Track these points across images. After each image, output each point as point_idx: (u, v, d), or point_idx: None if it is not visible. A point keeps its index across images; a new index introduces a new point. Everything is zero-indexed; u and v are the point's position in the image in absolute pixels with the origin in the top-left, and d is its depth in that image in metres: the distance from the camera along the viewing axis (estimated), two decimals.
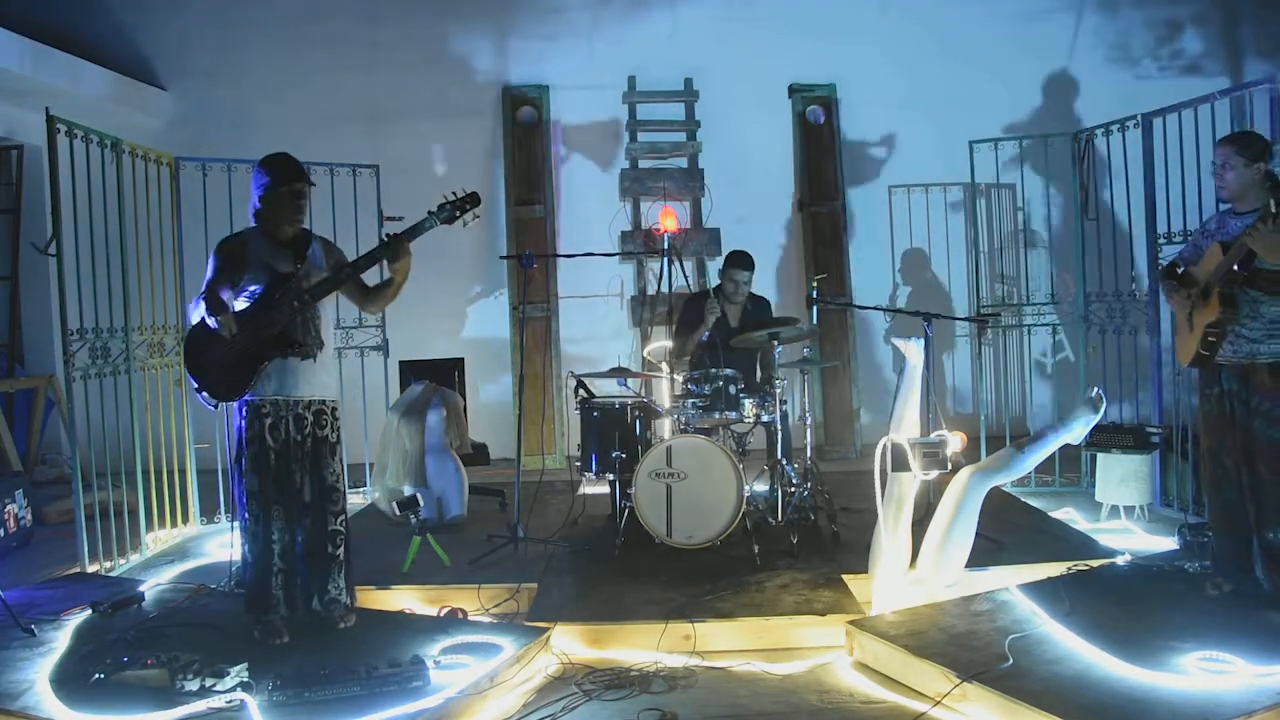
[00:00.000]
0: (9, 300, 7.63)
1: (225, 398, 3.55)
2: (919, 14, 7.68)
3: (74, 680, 3.18)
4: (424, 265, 7.61)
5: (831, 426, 7.31)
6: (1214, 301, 3.54)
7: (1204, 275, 3.63)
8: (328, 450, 3.66)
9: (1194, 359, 3.67)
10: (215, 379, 3.53)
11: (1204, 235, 3.77)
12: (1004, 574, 4.08)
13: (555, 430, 7.27)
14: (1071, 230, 5.98)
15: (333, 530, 3.65)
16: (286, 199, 3.56)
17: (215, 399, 3.56)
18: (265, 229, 3.61)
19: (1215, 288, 3.54)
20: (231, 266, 3.53)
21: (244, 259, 3.54)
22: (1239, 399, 3.59)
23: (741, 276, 5.34)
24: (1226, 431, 3.65)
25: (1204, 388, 3.74)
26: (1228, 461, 3.66)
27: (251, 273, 3.53)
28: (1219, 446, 3.69)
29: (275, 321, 3.49)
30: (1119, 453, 5.10)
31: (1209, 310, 3.57)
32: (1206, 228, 3.79)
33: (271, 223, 3.59)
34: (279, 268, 3.56)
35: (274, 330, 3.50)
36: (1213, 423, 3.72)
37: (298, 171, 3.59)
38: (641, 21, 7.70)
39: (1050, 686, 2.94)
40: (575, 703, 3.18)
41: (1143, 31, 7.66)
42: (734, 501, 4.44)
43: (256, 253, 3.56)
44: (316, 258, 3.66)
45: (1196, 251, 3.76)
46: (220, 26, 7.70)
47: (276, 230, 3.60)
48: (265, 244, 3.58)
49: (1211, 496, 3.80)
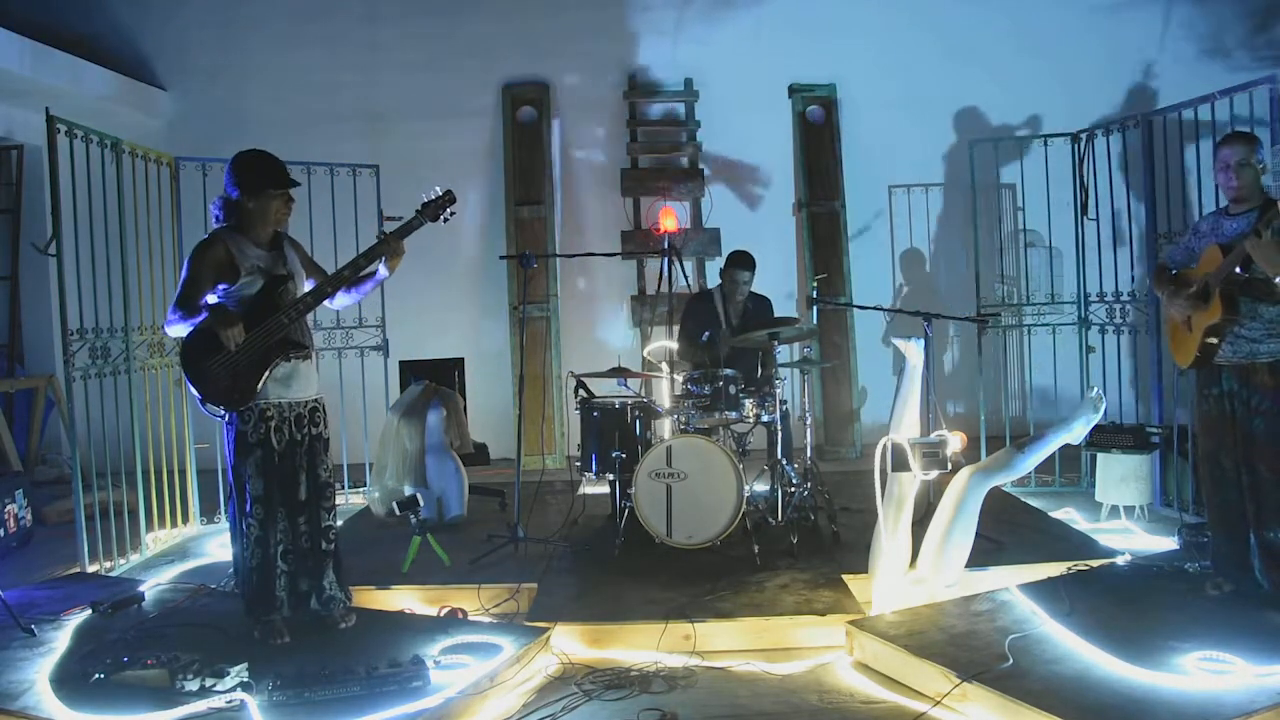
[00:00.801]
0: (9, 300, 7.63)
1: (234, 406, 3.50)
2: (919, 14, 7.67)
3: (74, 680, 3.18)
4: (424, 265, 7.64)
5: (831, 426, 7.31)
6: (1215, 303, 3.52)
7: (1200, 277, 3.61)
8: (322, 447, 3.69)
9: (1194, 361, 3.66)
10: (221, 387, 3.47)
11: (1196, 237, 3.74)
12: (1004, 574, 4.09)
13: (555, 430, 7.27)
14: (1071, 230, 5.98)
15: (325, 526, 3.67)
16: (282, 204, 3.57)
17: (223, 407, 3.51)
18: (244, 229, 3.56)
19: (1215, 289, 3.51)
20: (216, 273, 3.48)
21: (232, 264, 3.49)
22: (1239, 399, 3.59)
23: (743, 276, 5.35)
24: (1226, 432, 3.64)
25: (1202, 388, 3.73)
26: (1226, 462, 3.66)
27: (246, 277, 3.50)
28: (1218, 447, 3.69)
29: (282, 326, 3.49)
30: (1119, 453, 5.10)
31: (1209, 312, 3.55)
32: (1198, 229, 3.76)
33: (258, 226, 3.56)
34: (273, 270, 3.56)
35: (279, 335, 3.49)
36: (1211, 423, 3.71)
37: (288, 176, 3.59)
38: (642, 21, 7.70)
39: (1050, 686, 2.94)
40: (575, 703, 3.18)
41: (1144, 31, 7.65)
42: (734, 501, 4.44)
43: (243, 256, 3.51)
44: (292, 257, 3.68)
45: (1189, 254, 3.75)
46: (220, 26, 7.70)
47: (261, 232, 3.58)
48: (247, 245, 3.54)
49: (1210, 497, 3.79)
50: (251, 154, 3.57)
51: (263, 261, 3.55)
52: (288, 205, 3.61)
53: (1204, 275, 3.59)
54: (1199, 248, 3.68)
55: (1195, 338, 3.62)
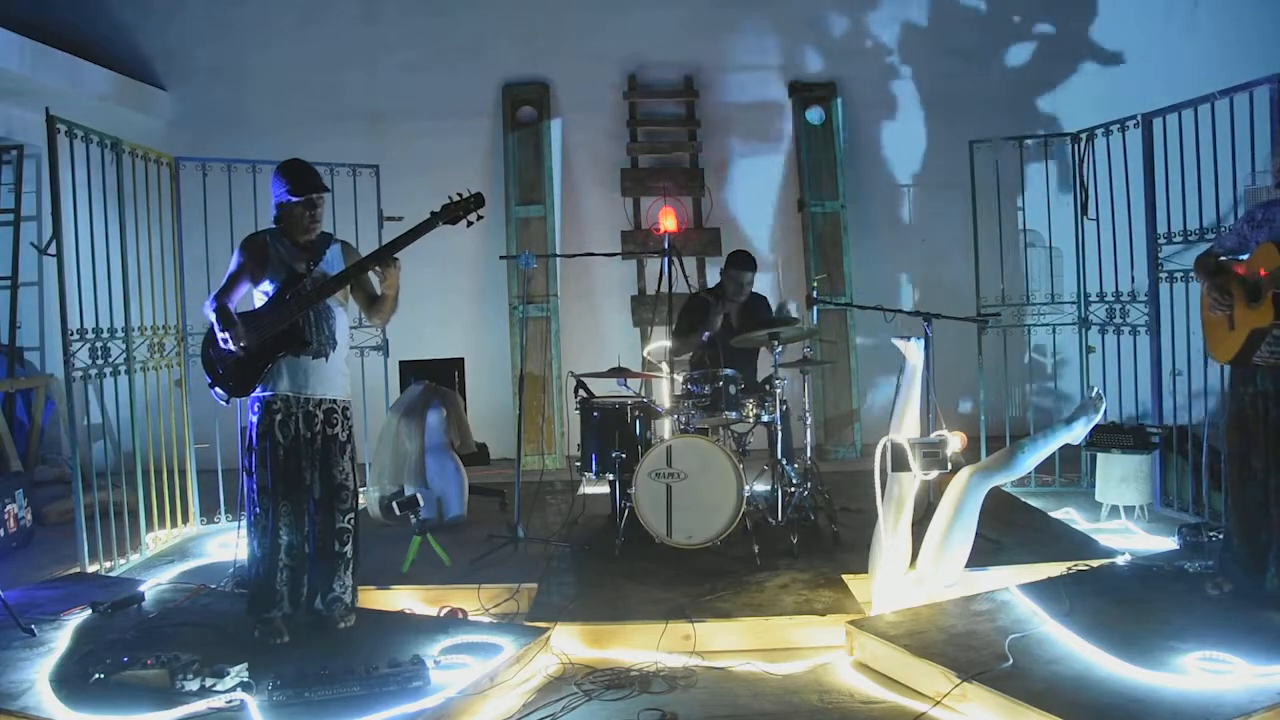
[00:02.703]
0: (9, 300, 7.63)
1: (236, 393, 3.63)
2: (919, 14, 7.68)
3: (74, 680, 3.18)
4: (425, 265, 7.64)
5: (831, 426, 7.31)
6: (1266, 305, 3.41)
7: (1251, 272, 3.49)
8: (337, 449, 3.68)
9: (1234, 359, 3.58)
10: (226, 374, 3.61)
11: (1251, 225, 3.60)
12: (1004, 574, 4.08)
13: (555, 430, 7.26)
14: (1071, 230, 5.98)
15: (340, 528, 3.66)
16: (301, 211, 3.65)
17: (227, 394, 3.64)
18: (285, 231, 3.71)
19: (1268, 292, 3.40)
20: (254, 264, 3.65)
21: (265, 258, 3.65)
22: (1273, 400, 3.53)
23: (743, 277, 5.34)
24: (1258, 432, 3.59)
25: (1237, 386, 3.67)
26: (1256, 463, 3.60)
27: (271, 272, 3.63)
28: (1249, 447, 3.63)
29: (283, 318, 3.56)
30: (1119, 453, 5.10)
31: (1259, 314, 3.44)
32: (1254, 216, 3.60)
33: (288, 230, 3.70)
34: (295, 267, 3.65)
35: (281, 327, 3.56)
36: (1244, 422, 3.64)
37: (312, 184, 3.66)
38: (642, 20, 7.69)
39: (1050, 686, 2.94)
40: (575, 703, 3.18)
41: (1144, 31, 7.65)
42: (734, 501, 4.44)
43: (277, 252, 3.66)
44: (332, 260, 3.73)
45: (1241, 241, 3.62)
46: (220, 26, 7.69)
47: (295, 235, 3.70)
48: (285, 244, 3.69)
49: (1234, 495, 3.73)
50: (285, 163, 3.70)
51: (290, 258, 3.66)
52: (310, 212, 3.67)
53: (1255, 272, 3.46)
54: (1254, 238, 3.55)
55: (1239, 335, 3.53)
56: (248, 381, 3.59)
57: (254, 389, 3.59)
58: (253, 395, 3.61)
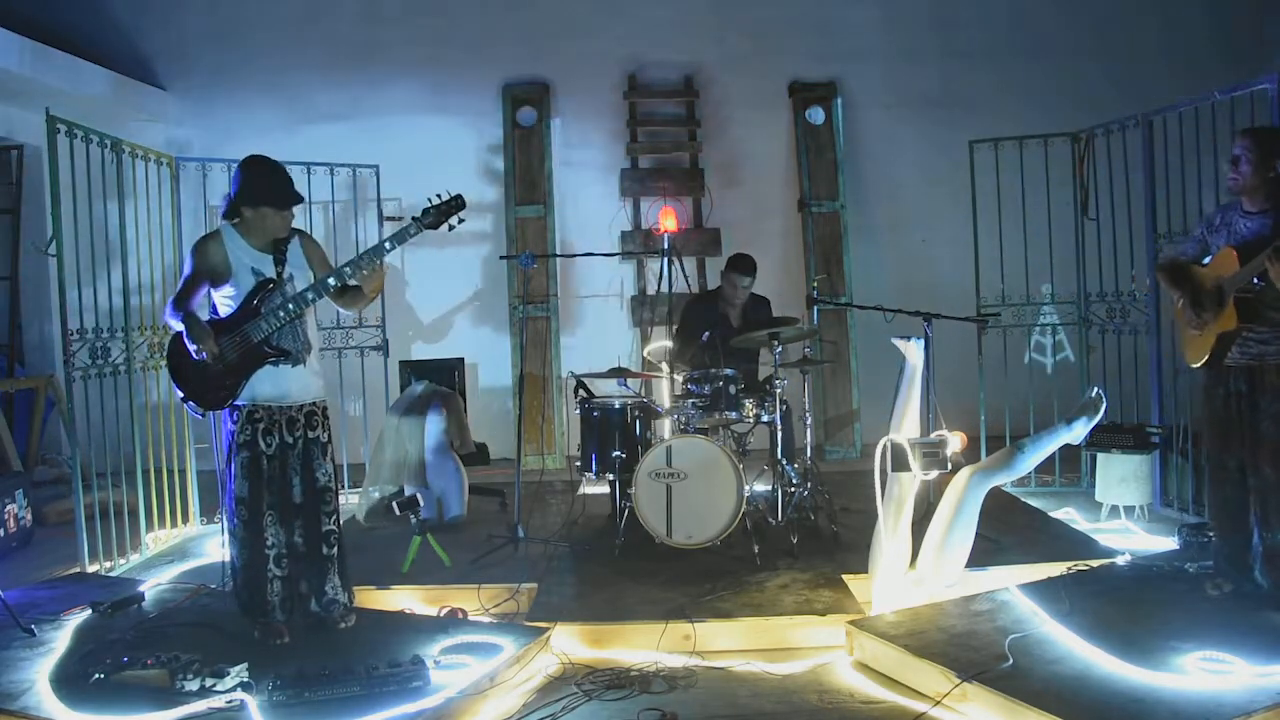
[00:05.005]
0: (9, 300, 7.63)
1: (212, 406, 3.51)
2: (919, 13, 7.67)
3: (74, 680, 3.18)
4: (425, 265, 7.63)
5: (831, 426, 7.31)
6: (1230, 310, 3.48)
7: (1213, 278, 3.57)
8: (319, 451, 3.63)
9: (1205, 361, 3.62)
10: (200, 388, 3.49)
11: (1210, 230, 3.68)
12: (1004, 574, 4.08)
13: (555, 430, 7.27)
14: (1071, 230, 5.98)
15: (326, 530, 3.64)
16: (275, 218, 3.53)
17: (202, 408, 3.52)
18: (244, 229, 3.55)
19: (1230, 296, 3.47)
20: (210, 271, 3.49)
21: (225, 263, 3.50)
22: (1246, 400, 3.56)
23: (743, 281, 5.35)
24: (1232, 432, 3.62)
25: (1210, 387, 3.70)
26: (1231, 462, 3.64)
27: (235, 277, 3.49)
28: (1223, 447, 3.67)
29: (261, 330, 3.46)
30: (1119, 453, 5.10)
31: (1224, 319, 3.51)
32: (1211, 222, 3.70)
33: (256, 233, 3.54)
34: (263, 271, 3.53)
35: (259, 338, 3.46)
36: (1218, 423, 3.69)
37: (295, 195, 3.54)
38: (642, 20, 7.69)
39: (1050, 686, 2.94)
40: (575, 703, 3.18)
41: (1145, 30, 7.65)
42: (734, 501, 4.44)
43: (238, 256, 3.51)
44: (296, 256, 3.61)
45: (1201, 248, 3.70)
46: (220, 26, 7.69)
47: (260, 238, 3.55)
48: (245, 246, 3.53)
49: (1211, 495, 3.79)
50: (260, 163, 3.55)
51: (256, 262, 3.52)
52: (285, 219, 3.56)
53: (1217, 278, 3.55)
54: (1214, 243, 3.62)
55: (1208, 339, 3.59)
56: (225, 395, 3.47)
57: (231, 402, 3.48)
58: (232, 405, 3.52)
